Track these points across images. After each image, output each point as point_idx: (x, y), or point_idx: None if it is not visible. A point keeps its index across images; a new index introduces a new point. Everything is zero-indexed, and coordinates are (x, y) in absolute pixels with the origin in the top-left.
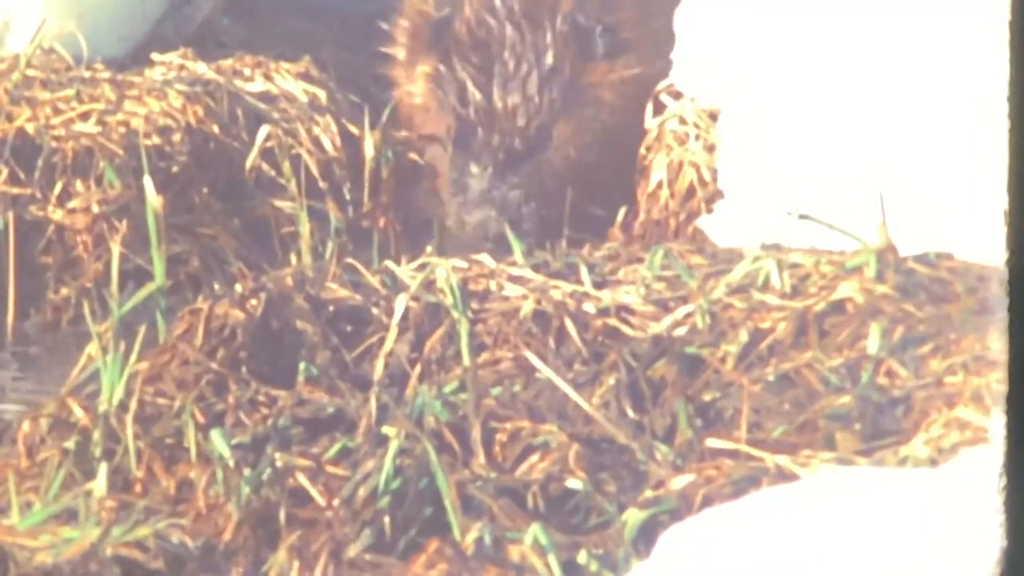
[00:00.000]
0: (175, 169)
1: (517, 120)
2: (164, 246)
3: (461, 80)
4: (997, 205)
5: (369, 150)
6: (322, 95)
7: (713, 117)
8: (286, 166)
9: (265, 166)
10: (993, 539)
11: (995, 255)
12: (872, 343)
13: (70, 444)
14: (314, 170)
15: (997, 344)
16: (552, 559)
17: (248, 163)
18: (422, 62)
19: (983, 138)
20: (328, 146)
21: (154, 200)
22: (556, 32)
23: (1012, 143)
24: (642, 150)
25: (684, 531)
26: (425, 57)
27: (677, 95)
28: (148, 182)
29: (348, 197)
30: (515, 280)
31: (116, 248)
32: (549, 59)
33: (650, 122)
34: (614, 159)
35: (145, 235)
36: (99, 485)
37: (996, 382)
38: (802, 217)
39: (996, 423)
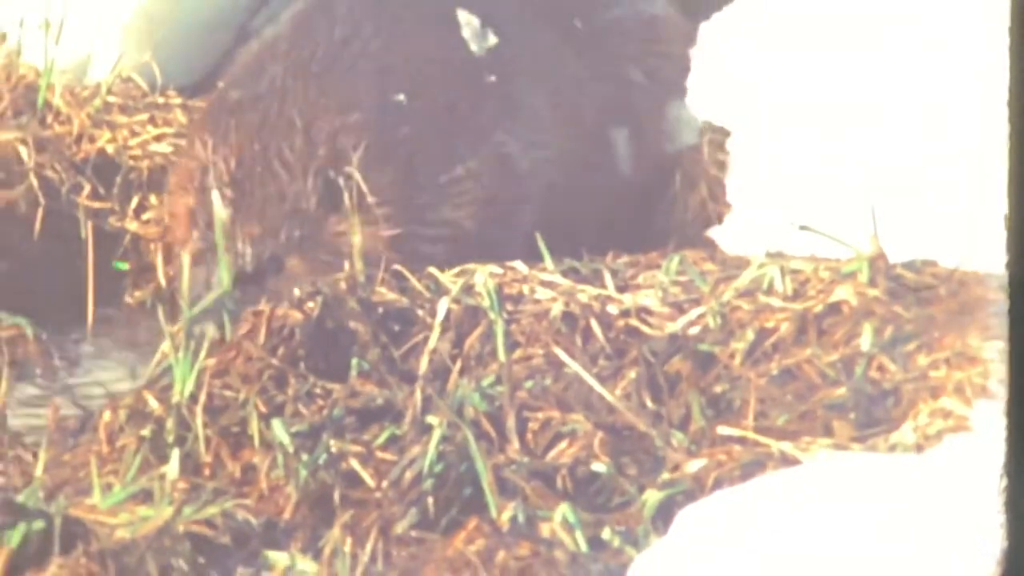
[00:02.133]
0: None
1: (251, 247)
2: (229, 255)
3: (208, 204)
4: (997, 212)
5: None
6: None
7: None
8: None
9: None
10: (994, 540)
11: (995, 261)
12: (865, 341)
13: (146, 432)
14: (365, 188)
15: (976, 341)
16: (579, 535)
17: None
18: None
19: (983, 147)
20: None
21: (221, 212)
22: (309, 180)
23: (1012, 149)
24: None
25: (698, 510)
26: (188, 182)
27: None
28: (216, 196)
29: None
30: (545, 284)
31: (186, 256)
32: (298, 202)
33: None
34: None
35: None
36: (172, 469)
37: (976, 375)
38: (803, 228)
39: (977, 412)
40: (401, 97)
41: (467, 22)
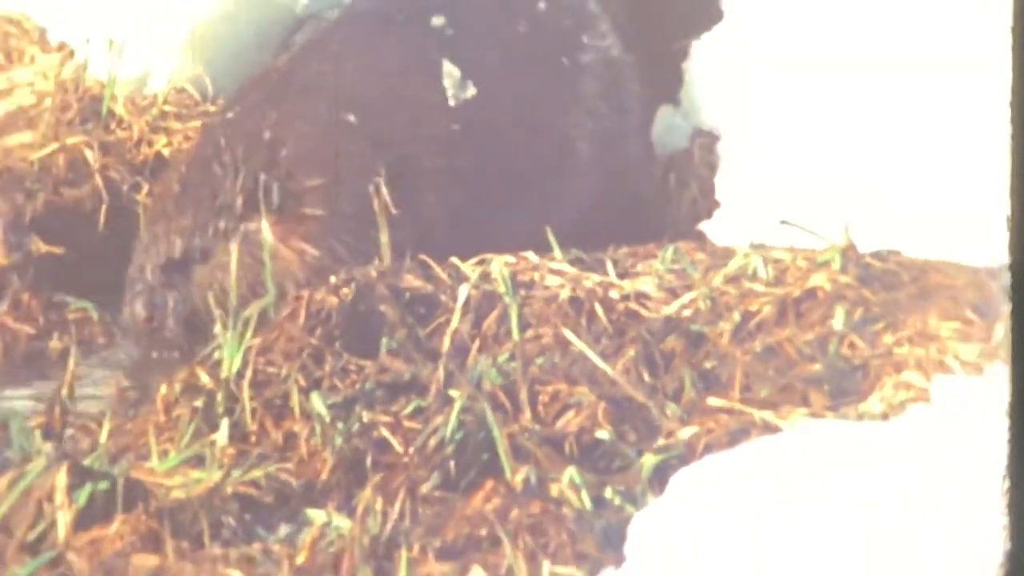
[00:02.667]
0: None
1: (181, 236)
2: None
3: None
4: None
5: None
6: None
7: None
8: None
9: None
10: (996, 542)
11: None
12: (837, 322)
13: (198, 403)
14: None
15: (935, 322)
16: (584, 495)
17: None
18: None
19: (985, 147)
20: None
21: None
22: (239, 180)
23: (1014, 149)
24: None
25: (690, 473)
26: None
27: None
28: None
29: None
30: (554, 272)
31: (234, 249)
32: (224, 198)
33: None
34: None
35: None
36: (221, 436)
37: (935, 352)
38: (783, 223)
39: (935, 386)
40: (352, 118)
41: (449, 72)
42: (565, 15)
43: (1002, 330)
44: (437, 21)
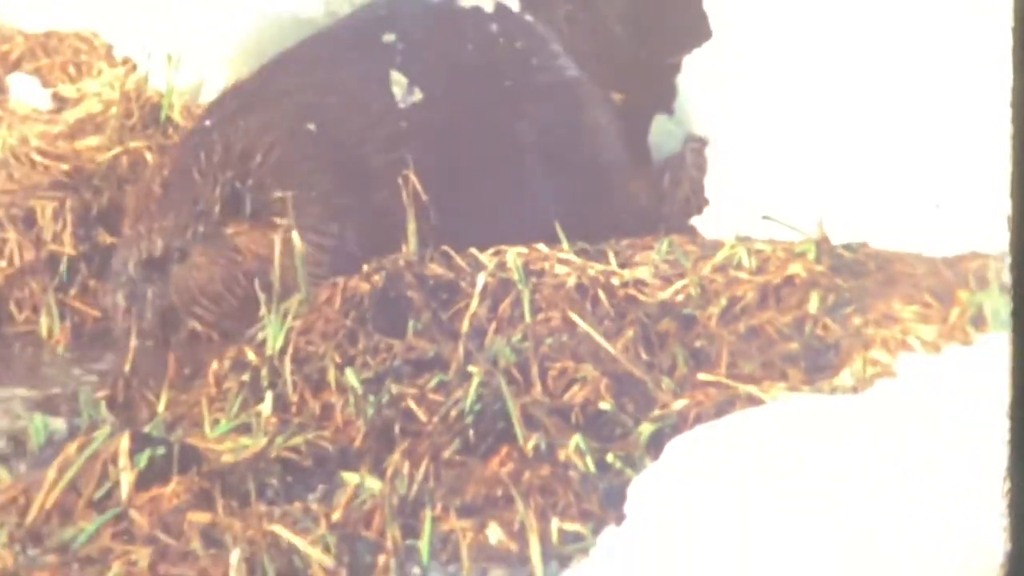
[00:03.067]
0: None
1: (163, 236)
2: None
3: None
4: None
5: None
6: None
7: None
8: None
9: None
10: (997, 543)
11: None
12: (812, 306)
13: (245, 378)
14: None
15: (899, 306)
16: (588, 459)
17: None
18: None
19: (948, 149)
20: None
21: (297, 242)
22: (217, 189)
23: (1015, 149)
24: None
25: (683, 440)
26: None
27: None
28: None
29: None
30: (562, 262)
31: (277, 240)
32: (204, 204)
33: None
34: (237, 290)
35: None
36: (266, 407)
37: (898, 332)
38: (765, 218)
39: (900, 361)
40: (311, 127)
41: (397, 80)
42: (516, 38)
43: (957, 313)
44: (388, 38)
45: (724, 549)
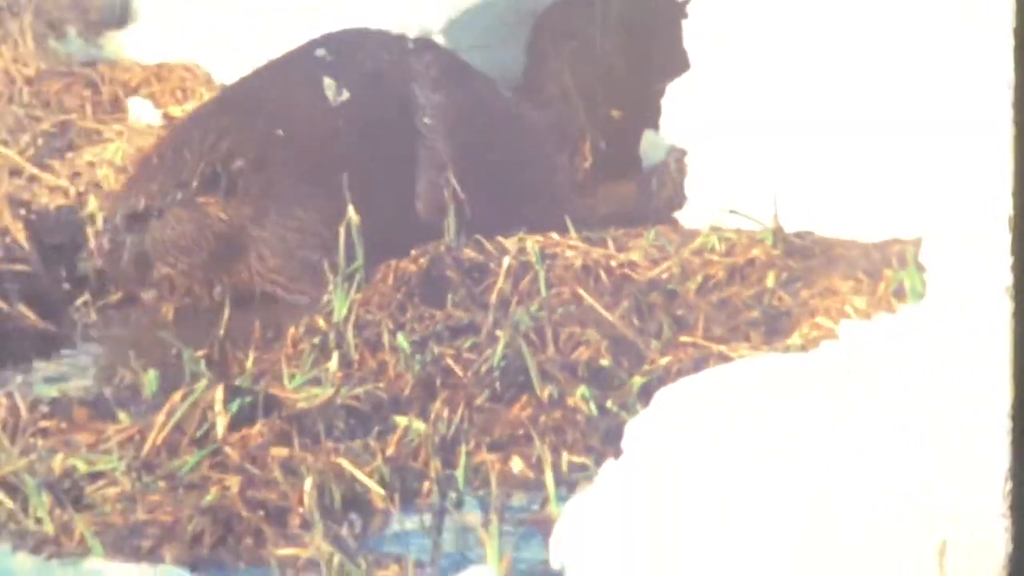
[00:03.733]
0: None
1: (147, 196)
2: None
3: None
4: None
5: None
6: None
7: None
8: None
9: None
10: (998, 544)
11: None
12: (769, 281)
13: (316, 341)
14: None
15: (838, 281)
16: (592, 405)
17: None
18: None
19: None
20: None
21: (354, 216)
22: (200, 165)
23: (1016, 149)
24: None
25: (668, 390)
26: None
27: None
28: (350, 208)
29: None
30: (571, 247)
31: (342, 231)
32: (186, 176)
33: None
34: (204, 245)
35: None
36: (333, 364)
37: (838, 303)
38: (731, 212)
39: (840, 326)
40: (280, 132)
41: (328, 85)
42: (425, 51)
43: (883, 287)
44: (320, 53)
45: (702, 477)
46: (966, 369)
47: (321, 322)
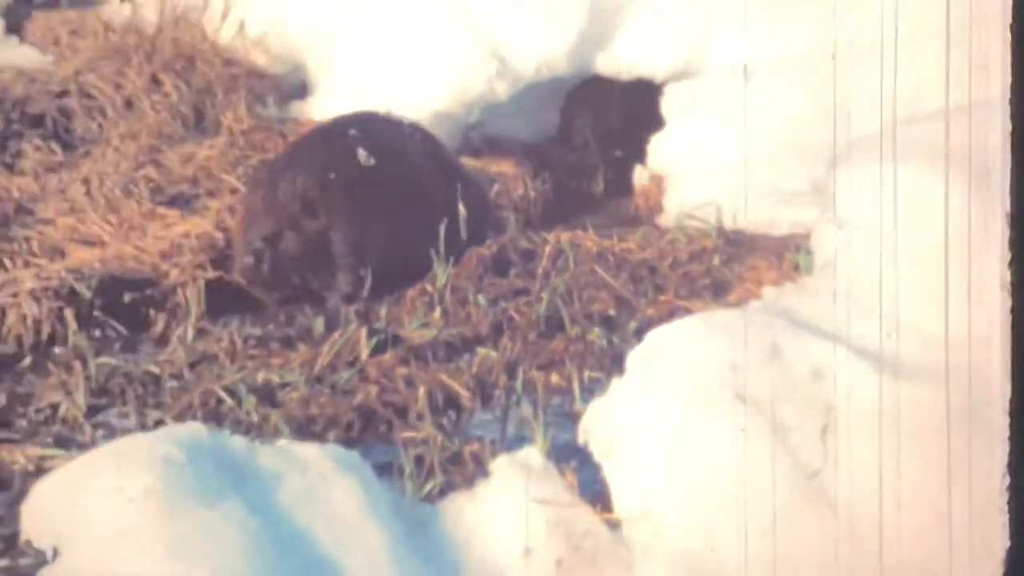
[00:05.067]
0: None
1: (266, 226)
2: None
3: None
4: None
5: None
6: None
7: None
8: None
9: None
10: (997, 540)
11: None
12: (715, 261)
13: (427, 299)
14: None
15: (760, 261)
16: (602, 339)
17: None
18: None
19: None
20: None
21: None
22: (293, 201)
23: (1015, 149)
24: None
25: (655, 331)
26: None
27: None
28: (462, 209)
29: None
30: (590, 240)
31: (441, 228)
32: (288, 206)
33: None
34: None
35: None
36: (437, 314)
37: (759, 275)
38: (689, 216)
39: (763, 291)
40: (332, 175)
41: (361, 154)
42: (418, 132)
43: (786, 264)
44: (352, 132)
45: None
46: (963, 367)
47: (429, 287)
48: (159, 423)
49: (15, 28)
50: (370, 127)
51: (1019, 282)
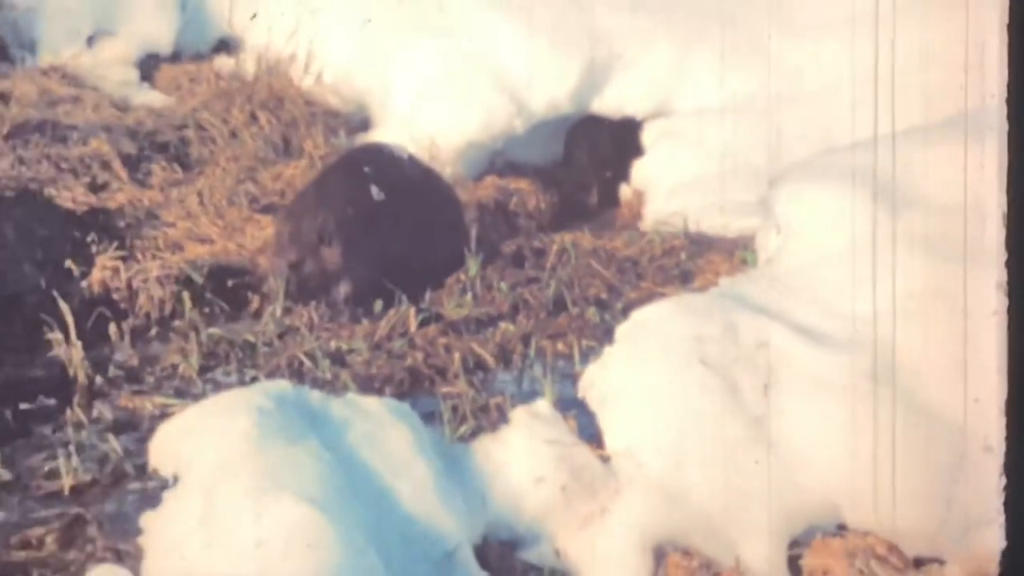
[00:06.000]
0: None
1: (292, 253)
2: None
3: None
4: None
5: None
6: None
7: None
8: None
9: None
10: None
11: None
12: (683, 257)
13: (461, 286)
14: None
15: (717, 258)
16: (597, 317)
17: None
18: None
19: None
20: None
21: (474, 262)
22: (315, 234)
23: (1011, 149)
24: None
25: (640, 311)
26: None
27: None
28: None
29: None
30: (587, 239)
31: (473, 231)
32: (307, 239)
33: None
34: (327, 274)
35: None
36: (468, 297)
37: (715, 267)
38: (663, 224)
39: (720, 280)
40: (350, 211)
41: (374, 191)
42: (418, 165)
43: (736, 259)
44: (367, 168)
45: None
46: (869, 338)
47: (463, 277)
48: (254, 380)
49: (147, 77)
50: (379, 161)
51: (1016, 282)
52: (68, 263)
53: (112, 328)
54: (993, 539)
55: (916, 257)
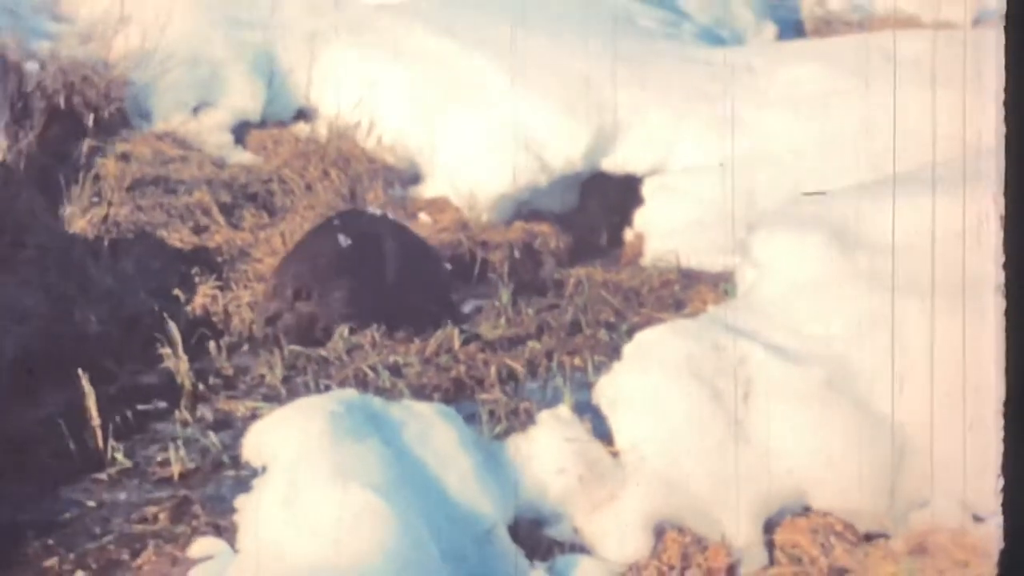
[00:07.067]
0: None
1: (275, 303)
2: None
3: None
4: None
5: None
6: None
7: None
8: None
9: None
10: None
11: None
12: (676, 288)
13: (494, 312)
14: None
15: (703, 289)
16: (608, 337)
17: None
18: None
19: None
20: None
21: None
22: (292, 288)
23: (1007, 150)
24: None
25: (641, 334)
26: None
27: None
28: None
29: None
30: (598, 274)
31: (504, 270)
32: (288, 293)
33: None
34: (310, 321)
35: None
36: (502, 320)
37: (702, 294)
38: (659, 260)
39: (708, 307)
40: (321, 261)
41: (340, 236)
42: (390, 223)
43: (720, 290)
44: (336, 222)
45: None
46: (837, 355)
47: (497, 303)
48: (327, 388)
49: (240, 140)
50: (350, 220)
51: (1014, 282)
52: (176, 291)
53: (211, 344)
54: (929, 516)
55: (866, 289)
